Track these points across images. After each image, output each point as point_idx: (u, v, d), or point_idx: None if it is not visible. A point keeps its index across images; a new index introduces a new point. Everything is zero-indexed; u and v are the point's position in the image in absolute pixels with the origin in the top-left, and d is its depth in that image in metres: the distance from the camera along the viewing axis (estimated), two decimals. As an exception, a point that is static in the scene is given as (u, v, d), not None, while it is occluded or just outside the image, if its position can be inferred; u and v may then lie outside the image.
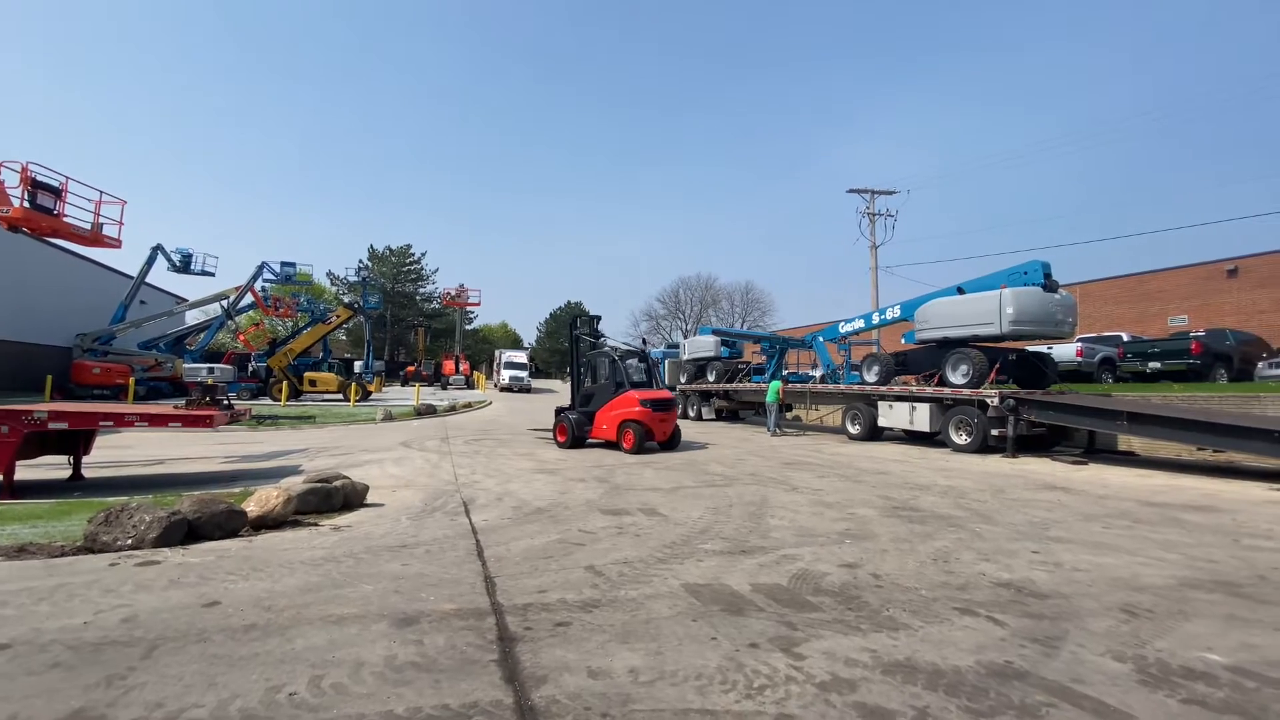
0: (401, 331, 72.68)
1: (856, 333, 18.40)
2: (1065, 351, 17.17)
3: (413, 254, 75.29)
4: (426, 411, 21.26)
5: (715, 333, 23.97)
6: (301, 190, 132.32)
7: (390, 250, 74.64)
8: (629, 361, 13.62)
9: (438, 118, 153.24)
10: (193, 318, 36.70)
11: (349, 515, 6.27)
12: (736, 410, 22.80)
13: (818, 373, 20.26)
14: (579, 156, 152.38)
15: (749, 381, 20.62)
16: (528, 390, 43.29)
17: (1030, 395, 12.05)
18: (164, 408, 10.31)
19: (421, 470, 9.38)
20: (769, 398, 17.17)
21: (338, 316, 32.92)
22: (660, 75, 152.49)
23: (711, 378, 22.22)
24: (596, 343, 14.47)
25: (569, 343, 14.67)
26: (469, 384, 46.11)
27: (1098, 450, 12.34)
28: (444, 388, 44.29)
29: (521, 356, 48.70)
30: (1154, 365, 16.96)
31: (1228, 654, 3.11)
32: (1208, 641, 3.27)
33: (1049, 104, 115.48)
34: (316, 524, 5.88)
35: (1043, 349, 15.79)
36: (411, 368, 52.96)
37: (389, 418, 18.82)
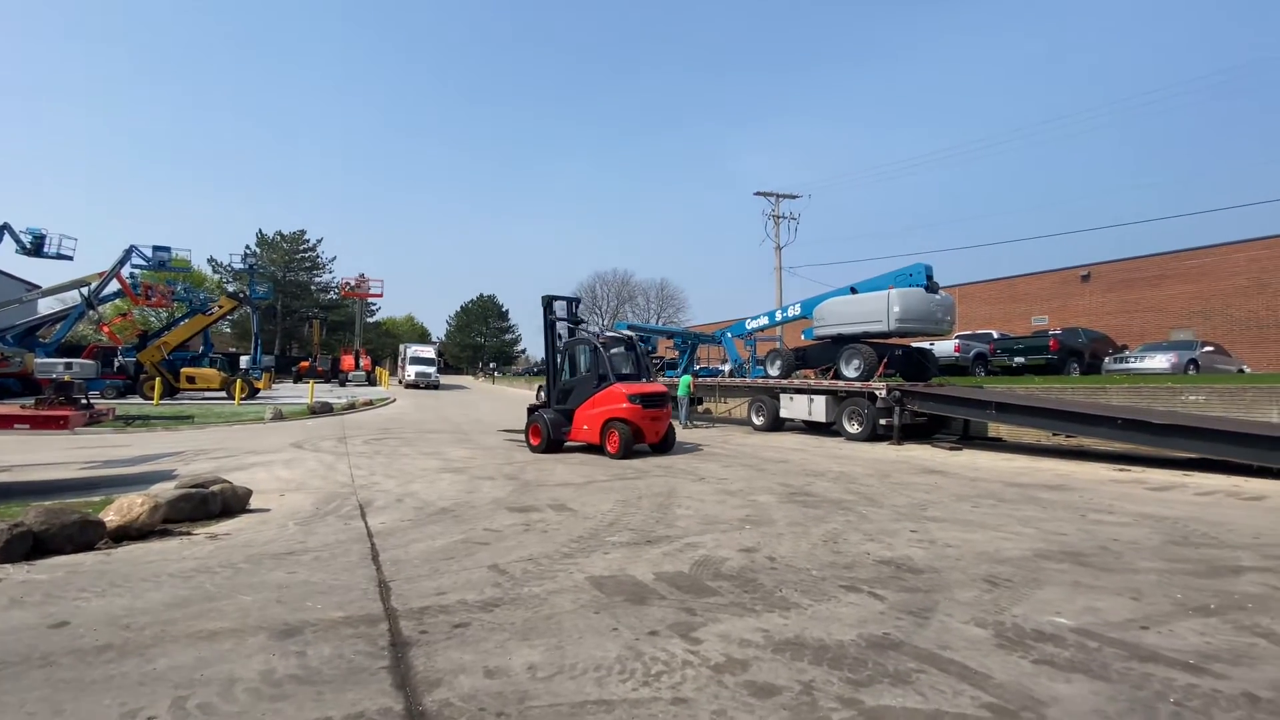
0: (294, 324, 67.84)
1: (762, 329, 19.14)
2: (945, 347, 18.67)
3: (307, 240, 70.30)
4: (322, 410, 19.99)
5: (630, 328, 24.13)
6: (178, 169, 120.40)
7: (282, 236, 69.33)
8: (614, 350, 11.75)
9: (339, 104, 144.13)
10: (47, 306, 32.58)
11: (228, 522, 5.79)
12: None
13: (726, 367, 20.90)
14: (489, 148, 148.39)
15: (663, 376, 20.94)
16: (436, 387, 41.70)
17: (914, 388, 13.02)
18: (10, 407, 9.03)
19: (314, 472, 8.81)
20: (680, 391, 17.51)
21: (220, 307, 30.24)
22: (567, 73, 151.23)
23: None
24: (575, 329, 12.51)
25: (544, 329, 12.54)
26: (370, 380, 43.74)
27: (971, 437, 13.56)
28: (342, 384, 41.74)
29: (429, 351, 46.77)
30: (1019, 360, 18.77)
31: (1074, 617, 3.49)
32: (1057, 606, 3.66)
33: (939, 119, 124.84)
34: (189, 533, 5.39)
35: (925, 345, 17.06)
36: (305, 363, 49.51)
37: (279, 417, 17.53)
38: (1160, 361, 16.55)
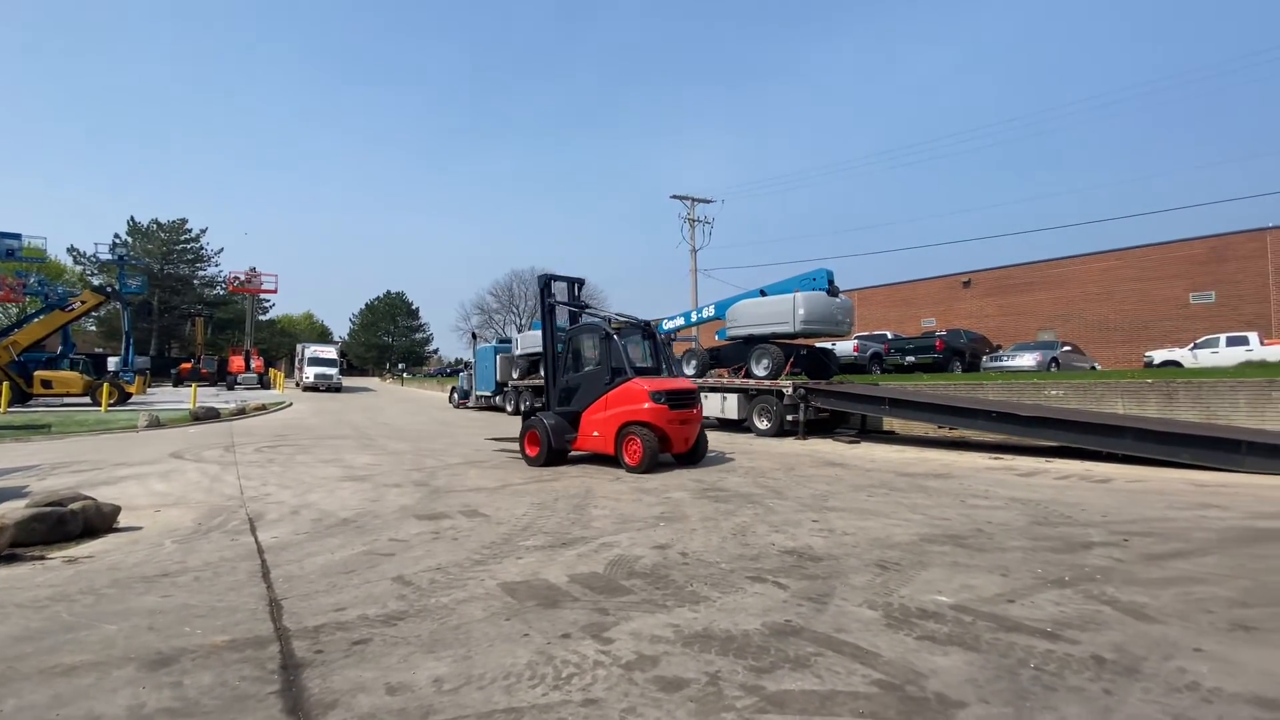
0: (174, 322, 61.85)
1: (678, 329, 19.50)
2: (845, 347, 19.85)
3: (189, 230, 64.31)
4: (206, 416, 18.38)
5: (549, 327, 23.81)
6: (27, 146, 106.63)
7: (159, 225, 63.06)
8: (628, 338, 9.94)
9: (228, 84, 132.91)
10: None
11: (92, 544, 5.22)
12: None
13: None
14: (398, 142, 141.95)
15: None
16: (338, 390, 39.35)
17: (817, 385, 13.73)
18: None
19: (196, 485, 8.10)
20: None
21: (83, 302, 27.09)
22: (481, 70, 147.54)
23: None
24: (579, 315, 10.65)
25: (541, 315, 10.70)
26: (263, 383, 40.62)
27: (868, 430, 14.50)
28: (231, 388, 38.49)
29: (330, 351, 44.01)
30: (910, 359, 20.27)
31: (953, 595, 3.81)
32: (939, 586, 3.98)
33: (843, 133, 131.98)
34: (44, 557, 4.81)
35: (827, 345, 18.05)
36: (188, 365, 45.22)
37: (155, 424, 15.97)
38: (1028, 360, 18.38)
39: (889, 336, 23.89)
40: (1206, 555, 4.62)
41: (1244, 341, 19.00)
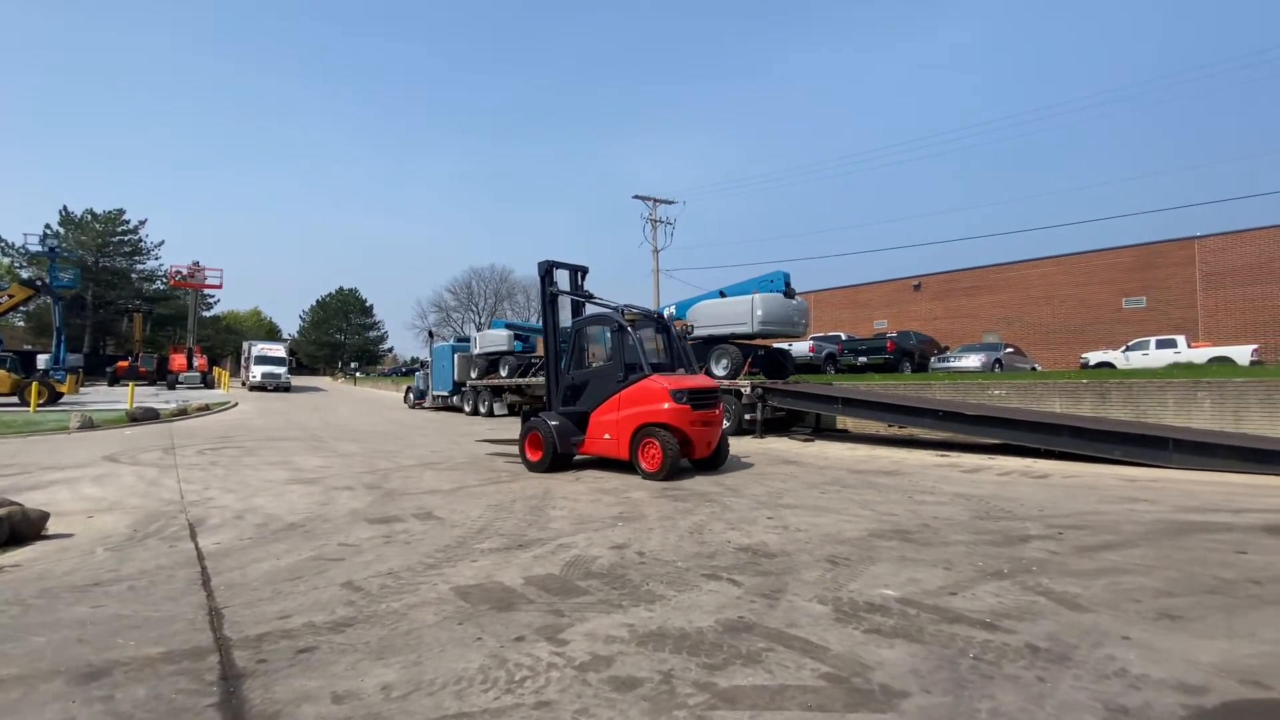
0: (110, 317, 58.66)
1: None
2: (801, 348, 20.25)
3: (126, 221, 61.11)
4: (145, 416, 17.53)
5: (508, 326, 23.58)
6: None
7: (93, 215, 59.73)
8: (642, 331, 9.18)
9: (169, 71, 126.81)
10: None
11: (18, 552, 4.92)
12: (530, 405, 22.72)
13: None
14: (354, 138, 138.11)
15: (542, 376, 20.65)
16: (287, 389, 38.11)
17: (774, 385, 13.97)
18: None
19: (132, 489, 7.72)
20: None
21: (10, 296, 25.51)
22: (442, 66, 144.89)
23: (504, 372, 21.81)
24: (582, 307, 9.95)
25: (542, 306, 9.96)
26: (207, 382, 38.99)
27: (822, 429, 14.85)
28: (172, 387, 36.79)
29: (279, 349, 42.54)
30: (863, 359, 20.85)
31: (899, 588, 3.93)
32: (885, 580, 4.10)
33: (800, 138, 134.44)
34: (-40, 569, 4.51)
35: (784, 346, 18.38)
36: (125, 363, 42.90)
37: (89, 425, 15.14)
38: (973, 361, 19.12)
39: (843, 338, 24.50)
40: (1135, 547, 4.88)
41: (1172, 344, 20.20)
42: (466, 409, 23.55)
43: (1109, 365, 20.24)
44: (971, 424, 10.90)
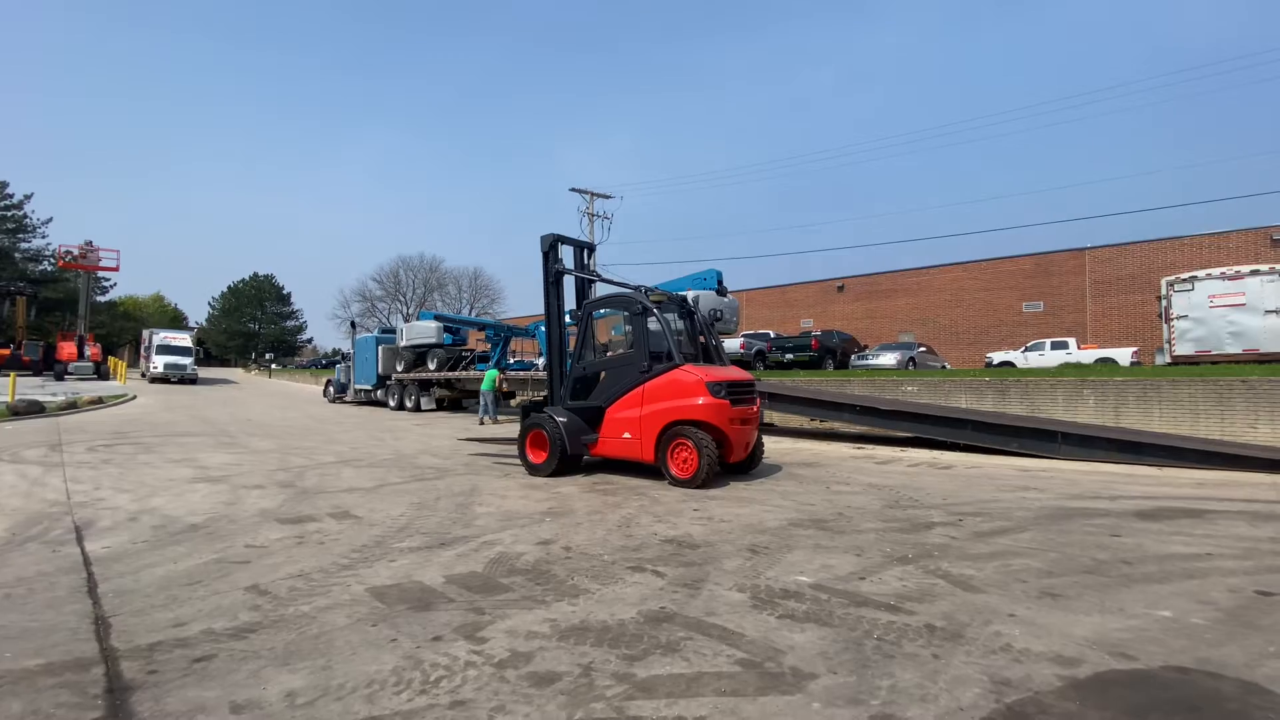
0: (-15, 302, 52.79)
1: (575, 323, 19.40)
2: (732, 345, 20.72)
3: (10, 195, 55.21)
4: (28, 410, 15.95)
5: (437, 318, 22.86)
6: None
7: (-36, 188, 53.57)
8: (666, 315, 7.94)
9: (53, 22, 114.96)
10: None
11: None
12: (460, 399, 22.14)
13: (541, 361, 20.82)
14: (268, 111, 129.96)
15: (473, 369, 20.19)
16: (193, 381, 35.57)
17: (706, 380, 14.22)
18: None
19: (12, 489, 7.02)
20: (484, 386, 17.11)
21: None
22: (365, 35, 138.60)
23: (433, 366, 21.14)
24: (589, 288, 8.98)
25: (545, 285, 8.88)
26: (101, 373, 35.84)
27: (752, 424, 15.24)
28: (60, 378, 33.61)
29: (184, 338, 39.56)
30: (789, 356, 21.55)
31: (813, 575, 4.11)
32: (801, 567, 4.28)
33: (730, 137, 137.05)
34: None
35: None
36: (5, 350, 38.73)
37: (-45, 421, 13.62)
38: (889, 359, 20.15)
39: (771, 336, 25.25)
40: (1024, 532, 5.31)
41: (1065, 346, 21.99)
42: (391, 403, 22.72)
43: (1010, 364, 21.81)
44: (886, 418, 11.49)
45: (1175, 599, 3.68)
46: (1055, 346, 22.07)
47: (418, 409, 21.30)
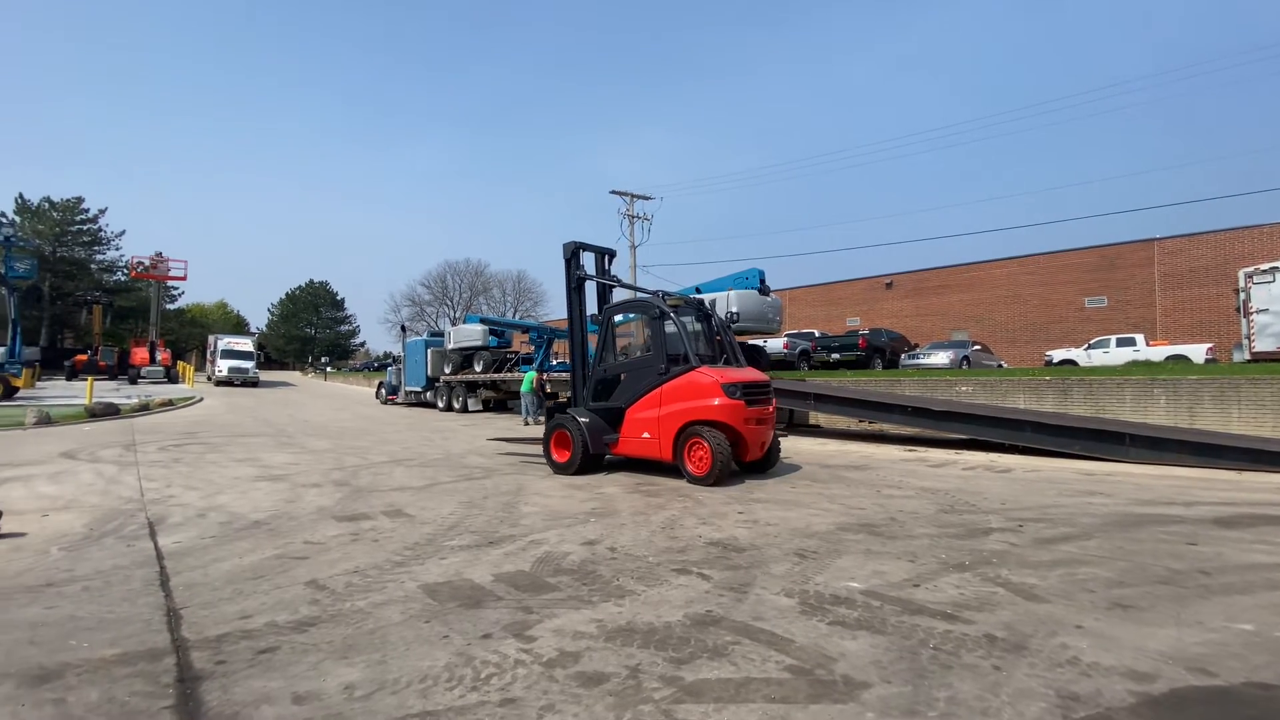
0: (68, 309, 56.74)
1: (617, 325, 19.49)
2: (775, 344, 20.45)
3: (85, 210, 59.12)
4: (105, 412, 17.02)
5: (483, 321, 23.36)
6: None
7: (51, 203, 57.60)
8: (683, 319, 8.28)
9: (130, 50, 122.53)
10: None
11: (-37, 553, 4.74)
12: (505, 400, 22.55)
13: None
14: (325, 124, 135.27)
15: (517, 371, 20.53)
16: (255, 384, 37.28)
17: (750, 381, 14.07)
18: None
19: (89, 487, 7.49)
20: (524, 387, 17.38)
21: (-42, 288, 24.44)
22: (420, 53, 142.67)
23: (479, 368, 21.62)
24: (609, 292, 9.37)
25: (568, 291, 9.27)
26: (171, 377, 37.96)
27: (795, 424, 15.01)
28: (133, 382, 35.77)
29: (246, 343, 41.57)
30: (835, 356, 21.12)
31: (864, 581, 4.00)
32: (851, 573, 4.17)
33: (773, 135, 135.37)
34: (-98, 571, 4.33)
35: (759, 342, 18.53)
36: (84, 356, 41.55)
37: (45, 421, 14.64)
38: (941, 358, 19.50)
39: (816, 335, 24.79)
40: (1090, 539, 5.04)
41: (1132, 342, 20.85)
42: (440, 405, 23.30)
43: (1072, 363, 20.82)
44: (939, 420, 11.12)
45: (1258, 611, 3.44)
46: (1121, 343, 20.95)
47: (465, 410, 21.77)
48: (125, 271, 54.95)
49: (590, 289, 9.55)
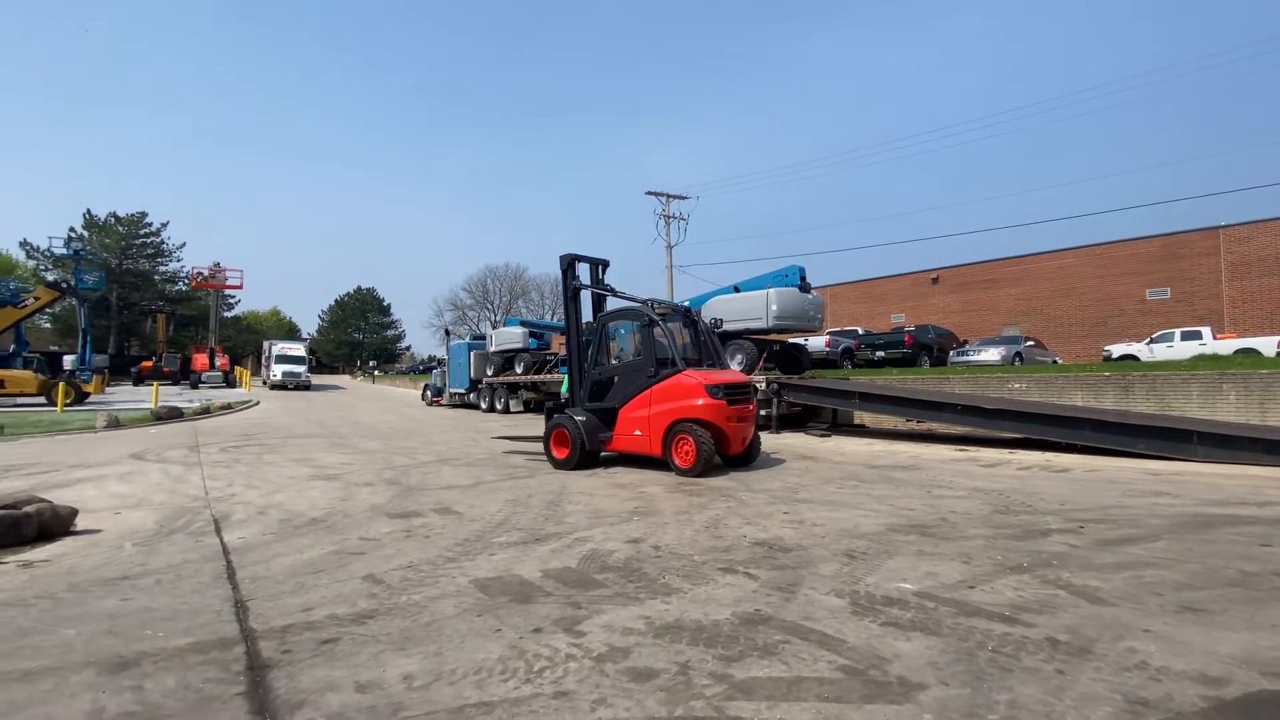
0: (134, 318, 60.08)
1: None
2: (817, 342, 20.13)
3: (149, 224, 62.50)
4: (169, 415, 17.89)
5: (523, 324, 23.71)
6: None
7: (117, 218, 61.06)
8: (671, 325, 8.99)
9: (184, 67, 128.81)
10: None
11: (48, 548, 5.06)
12: (545, 401, 22.82)
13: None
14: (367, 133, 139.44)
15: (557, 373, 20.77)
16: (307, 387, 38.65)
17: (790, 380, 13.90)
18: None
19: (158, 486, 7.89)
20: (563, 389, 17.54)
21: (37, 298, 26.09)
22: (457, 58, 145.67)
23: (519, 370, 21.96)
24: (604, 301, 9.89)
25: (565, 300, 10.05)
26: (229, 381, 39.69)
27: (839, 424, 14.74)
28: (194, 387, 37.55)
29: (298, 348, 43.19)
30: (880, 354, 20.64)
31: (916, 582, 3.91)
32: (903, 574, 4.08)
33: (809, 130, 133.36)
34: (-3, 562, 4.65)
35: (800, 340, 18.27)
36: (149, 363, 43.96)
37: (115, 424, 15.48)
38: (992, 354, 18.86)
39: (860, 332, 24.30)
40: (1157, 541, 4.81)
41: (1198, 336, 19.76)
42: (483, 406, 23.73)
43: (1133, 358, 19.88)
44: (991, 418, 10.77)
45: (1346, 618, 3.22)
46: (1186, 337, 19.89)
47: (507, 410, 22.11)
48: (186, 281, 57.79)
49: (586, 297, 10.08)
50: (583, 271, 9.95)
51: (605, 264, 10.10)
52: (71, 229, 58.28)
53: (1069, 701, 2.43)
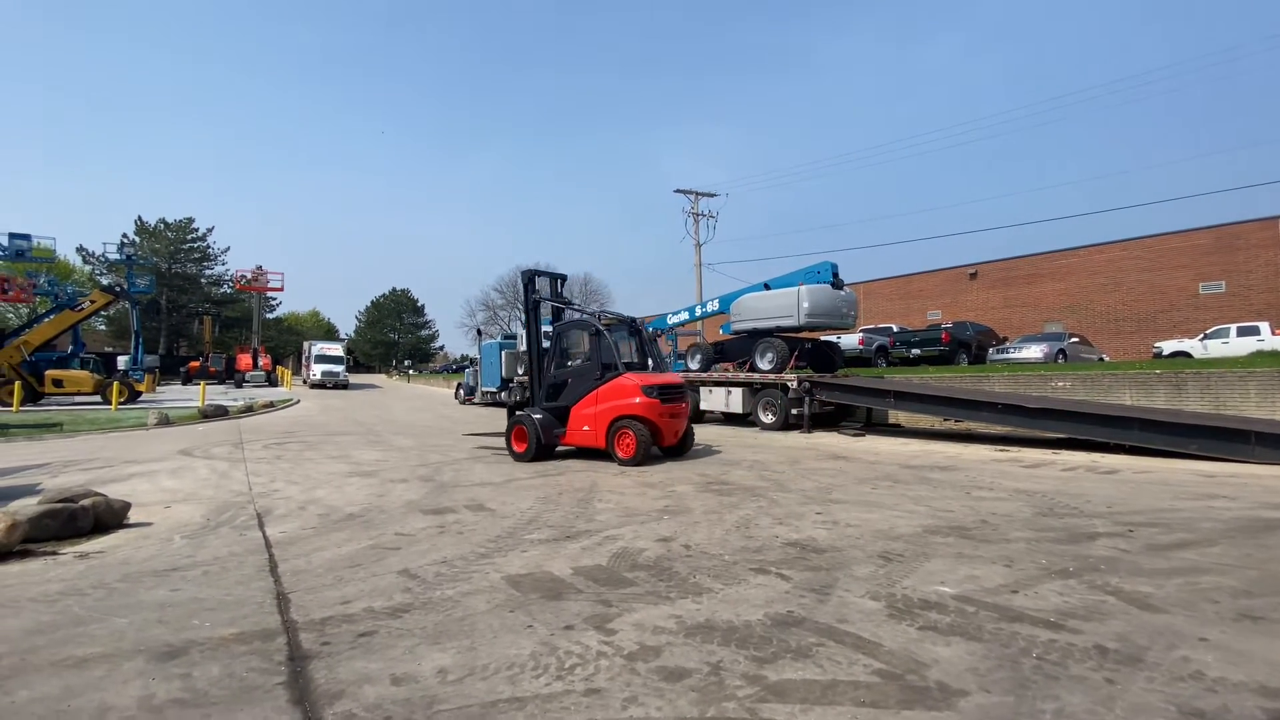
0: (182, 320, 62.43)
1: (683, 324, 19.47)
2: (850, 340, 19.76)
3: (195, 229, 64.87)
4: (215, 413, 18.53)
5: (552, 324, 23.87)
6: (43, 149, 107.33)
7: (165, 224, 63.59)
8: (616, 335, 10.15)
9: (229, 78, 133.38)
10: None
11: (103, 539, 5.28)
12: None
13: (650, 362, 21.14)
14: (401, 137, 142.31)
15: None
16: (345, 386, 39.57)
17: (822, 379, 13.70)
18: None
19: (205, 481, 8.18)
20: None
21: (92, 302, 27.25)
22: (487, 62, 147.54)
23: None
24: (562, 312, 10.92)
25: (525, 311, 11.04)
26: (271, 381, 40.95)
27: (873, 423, 14.45)
28: (239, 386, 38.84)
29: (337, 348, 44.24)
30: (915, 351, 20.16)
31: (955, 585, 3.81)
32: (941, 577, 3.98)
33: (842, 126, 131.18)
34: (56, 553, 4.88)
35: (832, 338, 17.98)
36: (196, 363, 45.61)
37: (165, 422, 16.10)
38: (1034, 352, 18.26)
39: (894, 329, 23.79)
40: (1213, 545, 4.60)
41: (1255, 331, 18.79)
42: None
43: (1185, 355, 19.02)
44: (1033, 418, 10.43)
45: None
46: (1243, 333, 18.93)
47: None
48: (230, 284, 59.86)
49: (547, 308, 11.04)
50: (543, 286, 10.87)
51: (563, 278, 11.18)
52: (124, 235, 60.94)
53: (1120, 712, 2.34)
